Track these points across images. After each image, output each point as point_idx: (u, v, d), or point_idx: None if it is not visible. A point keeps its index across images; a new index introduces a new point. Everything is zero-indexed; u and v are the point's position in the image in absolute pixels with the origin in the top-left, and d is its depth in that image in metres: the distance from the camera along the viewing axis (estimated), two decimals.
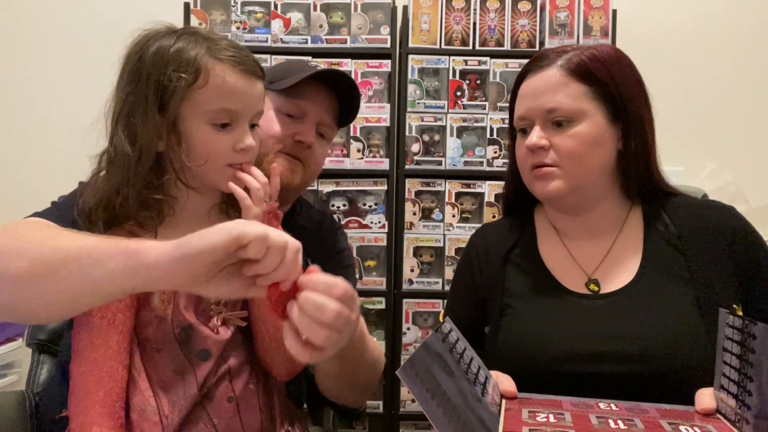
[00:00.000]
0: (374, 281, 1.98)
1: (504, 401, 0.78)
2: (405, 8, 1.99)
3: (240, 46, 0.85)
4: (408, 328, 1.96)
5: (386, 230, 1.97)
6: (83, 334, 0.79)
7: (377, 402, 1.95)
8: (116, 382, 0.78)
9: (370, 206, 1.98)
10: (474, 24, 1.99)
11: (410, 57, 1.97)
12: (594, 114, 0.90)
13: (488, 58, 1.98)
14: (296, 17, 1.98)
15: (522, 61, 1.93)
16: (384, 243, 1.97)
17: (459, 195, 1.98)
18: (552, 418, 0.70)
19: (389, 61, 1.97)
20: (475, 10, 1.99)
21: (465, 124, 1.98)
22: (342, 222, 1.97)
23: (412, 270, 1.98)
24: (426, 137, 1.98)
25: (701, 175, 2.22)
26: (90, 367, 0.77)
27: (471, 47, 1.99)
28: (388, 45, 1.97)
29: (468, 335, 0.80)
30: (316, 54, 1.97)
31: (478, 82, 1.98)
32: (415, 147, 1.98)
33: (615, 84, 0.91)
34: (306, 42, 1.98)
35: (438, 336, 0.70)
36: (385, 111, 1.98)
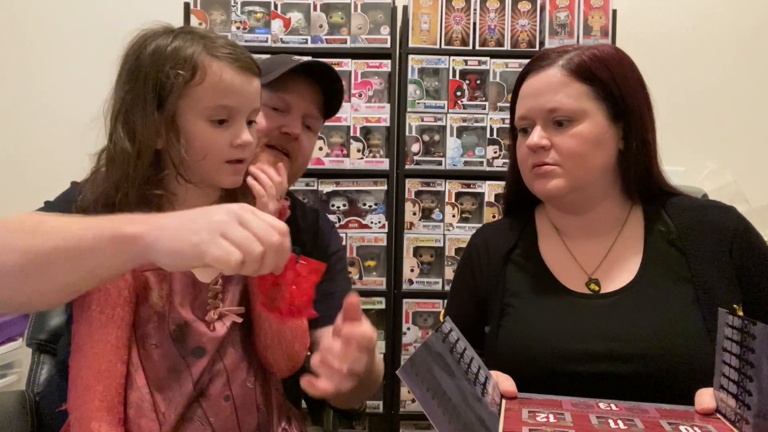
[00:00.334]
0: (374, 281, 1.98)
1: (504, 401, 0.78)
2: (405, 8, 1.99)
3: (237, 44, 0.86)
4: (408, 328, 1.96)
5: (386, 230, 1.97)
6: (82, 329, 0.79)
7: (377, 402, 1.95)
8: (115, 377, 0.78)
9: (370, 206, 1.98)
10: (474, 24, 1.99)
11: (410, 57, 1.97)
12: (595, 114, 0.90)
13: (488, 58, 1.98)
14: (296, 17, 1.99)
15: (522, 61, 1.93)
16: (384, 243, 1.97)
17: (459, 195, 1.98)
18: (552, 418, 0.70)
19: (389, 61, 1.97)
20: (475, 10, 1.99)
21: (465, 124, 1.98)
22: (342, 222, 1.97)
23: (412, 270, 1.98)
24: (426, 137, 1.98)
25: (701, 175, 2.22)
26: (89, 362, 0.78)
27: (471, 47, 1.99)
28: (388, 45, 1.98)
29: (468, 335, 0.80)
30: (316, 54, 1.97)
31: (478, 82, 1.98)
32: (415, 147, 1.98)
33: (616, 84, 0.91)
34: (306, 42, 1.98)
35: (438, 336, 0.70)
36: (385, 111, 1.98)
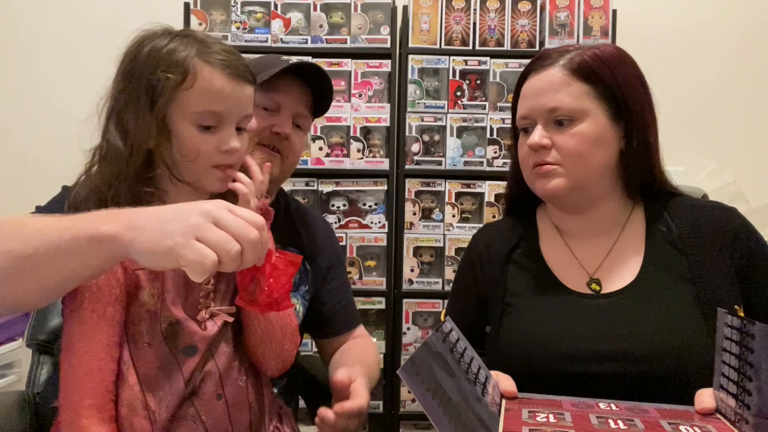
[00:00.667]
0: (374, 281, 1.98)
1: (504, 401, 0.78)
2: (405, 8, 1.99)
3: (232, 51, 0.86)
4: (408, 328, 1.96)
5: (386, 230, 1.98)
6: (74, 328, 0.79)
7: (377, 402, 1.95)
8: (106, 375, 0.78)
9: (370, 206, 1.99)
10: (474, 24, 1.99)
11: (410, 57, 1.97)
12: (596, 113, 0.90)
13: (488, 58, 1.98)
14: (296, 17, 1.99)
15: (522, 61, 1.93)
16: (384, 243, 1.97)
17: (459, 195, 1.98)
18: (552, 418, 0.70)
19: (389, 61, 1.98)
20: (475, 10, 1.99)
21: (465, 124, 1.98)
22: (342, 222, 1.97)
23: (412, 270, 1.98)
24: (426, 137, 1.98)
25: (701, 175, 2.22)
26: (79, 360, 0.77)
27: (471, 47, 1.99)
28: (388, 45, 1.98)
29: (469, 335, 0.81)
30: (316, 54, 1.97)
31: (478, 82, 1.98)
32: (415, 147, 1.98)
33: (617, 83, 0.91)
34: (306, 42, 1.98)
35: (438, 336, 0.70)
36: (385, 111, 1.98)
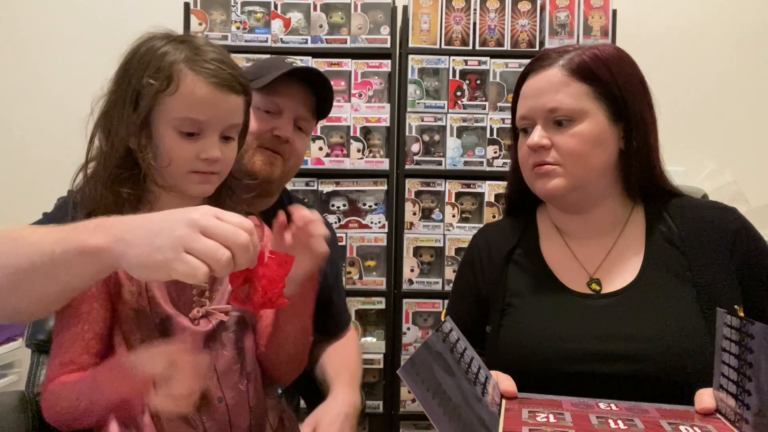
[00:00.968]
0: (374, 281, 1.98)
1: (504, 401, 0.78)
2: (405, 8, 1.99)
3: (226, 61, 0.85)
4: (408, 328, 1.96)
5: (386, 230, 1.98)
6: (60, 324, 0.81)
7: (377, 402, 1.95)
8: (96, 322, 0.79)
9: (370, 206, 1.99)
10: (474, 24, 1.99)
11: (410, 57, 1.97)
12: (595, 113, 0.90)
13: (488, 58, 1.98)
14: (296, 17, 1.99)
15: (522, 61, 1.93)
16: (384, 243, 1.97)
17: (459, 195, 1.98)
18: (552, 418, 0.70)
19: (389, 61, 1.98)
20: (475, 10, 1.99)
21: (465, 124, 1.98)
22: (342, 222, 1.97)
23: (412, 270, 1.98)
24: (426, 137, 1.98)
25: (701, 175, 2.22)
26: (70, 311, 0.79)
27: (471, 47, 1.99)
28: (388, 45, 1.98)
29: (469, 335, 0.80)
30: (316, 54, 1.97)
31: (478, 82, 1.98)
32: (415, 147, 1.98)
33: (617, 83, 0.91)
34: (306, 42, 1.98)
35: (438, 335, 0.70)
36: (385, 111, 1.98)
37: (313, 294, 0.90)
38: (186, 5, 1.96)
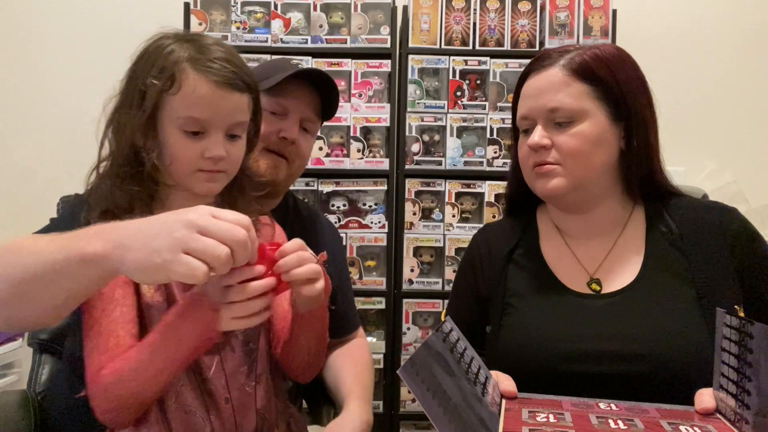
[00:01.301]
0: (374, 281, 1.98)
1: (504, 401, 0.78)
2: (405, 8, 1.99)
3: (231, 59, 0.86)
4: (408, 328, 1.96)
5: (386, 230, 1.98)
6: (92, 310, 0.80)
7: (377, 402, 1.95)
8: (131, 306, 0.79)
9: (370, 206, 1.99)
10: (474, 24, 1.99)
11: (410, 57, 1.97)
12: (596, 113, 0.91)
13: (488, 58, 1.98)
14: (296, 17, 1.99)
15: (522, 61, 1.93)
16: (384, 243, 1.97)
17: (459, 195, 1.98)
18: (552, 418, 0.70)
19: (389, 61, 1.98)
20: (475, 10, 1.99)
21: (465, 124, 1.98)
22: (342, 222, 1.97)
23: (412, 270, 1.98)
24: (426, 137, 1.98)
25: (701, 175, 2.22)
26: (103, 299, 0.79)
27: (471, 47, 1.99)
28: (388, 45, 1.98)
29: (469, 335, 0.81)
30: (316, 54, 1.97)
31: (478, 82, 1.99)
32: (415, 147, 1.98)
33: (617, 83, 0.91)
34: (306, 42, 1.98)
35: (439, 335, 0.70)
36: (385, 111, 1.98)
37: (326, 311, 0.90)
38: (186, 5, 1.96)
